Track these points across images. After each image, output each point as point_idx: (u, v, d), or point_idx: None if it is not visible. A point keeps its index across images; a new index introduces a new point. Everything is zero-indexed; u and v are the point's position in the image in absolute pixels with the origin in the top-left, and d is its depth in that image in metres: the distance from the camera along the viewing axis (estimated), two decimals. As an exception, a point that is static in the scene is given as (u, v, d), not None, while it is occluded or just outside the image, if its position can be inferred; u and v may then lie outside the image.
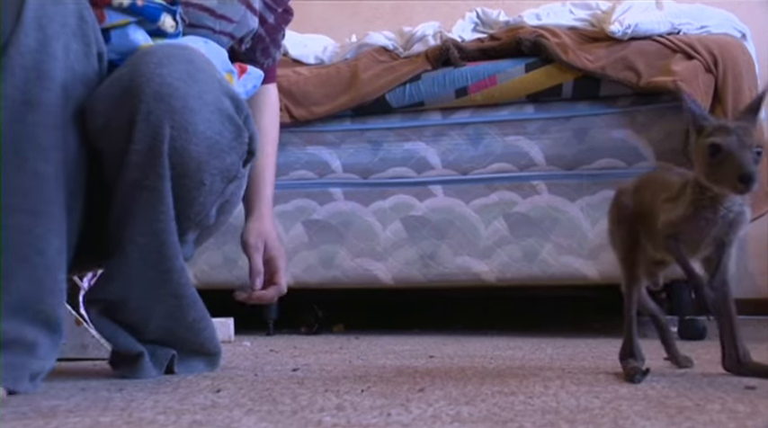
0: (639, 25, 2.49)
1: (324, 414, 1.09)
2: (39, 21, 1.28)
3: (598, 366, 1.68)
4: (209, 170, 1.42)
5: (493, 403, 1.19)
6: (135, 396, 1.25)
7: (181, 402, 1.20)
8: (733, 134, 1.31)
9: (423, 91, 2.64)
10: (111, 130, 1.37)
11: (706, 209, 1.38)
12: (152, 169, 1.36)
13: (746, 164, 1.28)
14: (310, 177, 2.72)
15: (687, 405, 1.14)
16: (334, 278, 2.70)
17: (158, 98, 1.33)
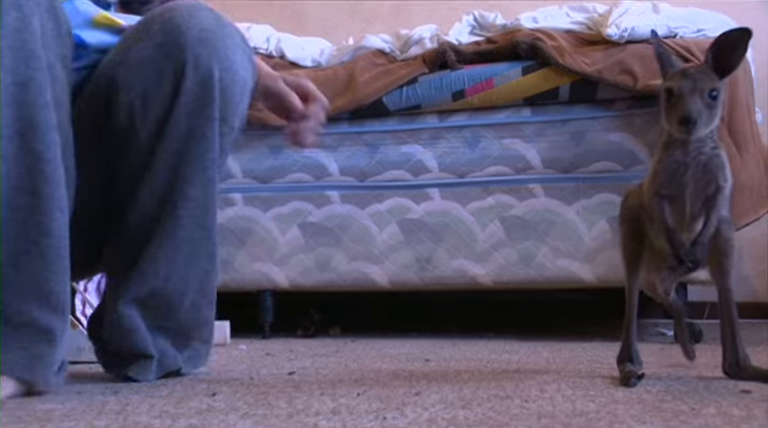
0: (636, 29, 2.49)
1: (319, 418, 1.09)
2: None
3: (594, 370, 1.68)
4: (241, 112, 1.47)
5: (489, 407, 1.19)
6: (130, 400, 1.25)
7: (176, 406, 1.20)
8: (689, 79, 1.34)
9: (420, 94, 2.64)
10: (149, 96, 1.39)
11: (675, 151, 1.39)
12: (204, 115, 1.41)
13: (687, 108, 1.31)
14: (307, 180, 2.72)
15: (683, 410, 1.15)
16: (330, 281, 2.70)
17: (203, 42, 1.38)
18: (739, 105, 2.38)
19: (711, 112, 1.34)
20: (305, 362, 1.89)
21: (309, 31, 3.33)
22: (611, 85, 2.48)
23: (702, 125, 1.33)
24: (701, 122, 1.32)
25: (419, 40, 2.71)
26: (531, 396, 1.30)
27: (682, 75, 1.36)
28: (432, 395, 1.31)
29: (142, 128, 1.42)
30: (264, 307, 2.73)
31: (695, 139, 1.37)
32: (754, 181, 2.36)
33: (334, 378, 1.55)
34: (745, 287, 3.48)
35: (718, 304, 1.55)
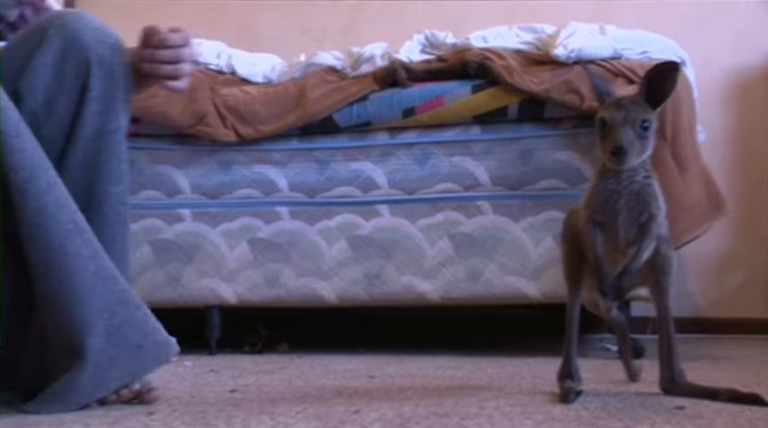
0: (583, 49, 2.53)
1: (255, 437, 1.09)
2: None
3: (536, 386, 1.70)
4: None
5: (426, 425, 1.19)
6: (64, 420, 1.23)
7: (112, 425, 1.18)
8: (622, 110, 1.38)
9: (370, 111, 2.65)
10: (54, 100, 1.42)
11: (609, 180, 1.43)
12: (114, 110, 1.45)
13: (619, 139, 1.35)
14: (256, 196, 2.71)
15: (616, 426, 1.16)
16: (278, 297, 2.68)
17: (100, 41, 1.46)
18: (682, 129, 2.42)
19: (643, 143, 1.38)
20: (249, 380, 1.88)
21: (262, 48, 3.32)
22: (558, 105, 2.52)
23: (634, 155, 1.37)
24: (633, 152, 1.37)
25: (370, 57, 2.72)
26: (469, 413, 1.30)
27: (615, 105, 1.40)
28: (371, 413, 1.31)
29: (48, 133, 1.42)
30: (211, 324, 2.70)
31: (627, 169, 1.40)
32: (695, 200, 2.41)
33: (276, 396, 1.54)
34: (689, 302, 3.54)
35: (657, 321, 1.58)
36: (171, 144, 2.75)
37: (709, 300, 3.55)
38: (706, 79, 3.34)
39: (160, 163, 2.74)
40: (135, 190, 2.73)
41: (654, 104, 1.40)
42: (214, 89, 2.73)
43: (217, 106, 2.67)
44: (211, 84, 2.73)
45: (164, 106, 2.64)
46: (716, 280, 3.55)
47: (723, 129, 3.53)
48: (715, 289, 3.55)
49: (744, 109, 3.57)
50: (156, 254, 2.71)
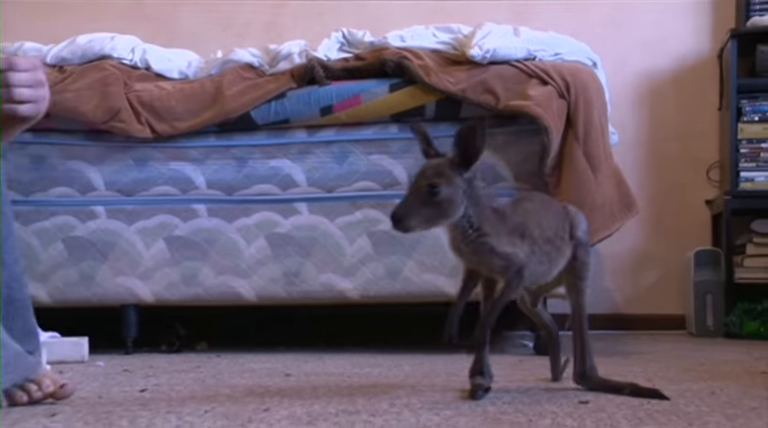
0: (498, 50, 2.56)
1: (158, 437, 1.07)
2: None
3: (450, 383, 1.71)
4: None
5: (334, 422, 1.19)
6: (-40, 422, 1.19)
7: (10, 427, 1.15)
8: (416, 175, 1.38)
9: (288, 108, 2.64)
10: None
11: (455, 238, 1.43)
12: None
13: (396, 206, 1.35)
14: (173, 193, 2.67)
15: (520, 421, 1.18)
16: (196, 295, 2.65)
17: None
18: (594, 129, 2.47)
19: (434, 208, 1.35)
20: (161, 379, 1.84)
21: (181, 44, 3.27)
22: (474, 104, 2.54)
23: (420, 221, 1.35)
24: (415, 219, 1.34)
25: (288, 55, 2.71)
26: (379, 410, 1.31)
27: (420, 168, 1.39)
28: (281, 410, 1.31)
29: None
30: (128, 323, 2.65)
31: (452, 228, 1.39)
32: (606, 199, 2.46)
33: (187, 395, 1.52)
34: (606, 300, 3.62)
35: (571, 318, 1.61)
36: (84, 139, 2.69)
37: (625, 297, 3.64)
38: (618, 82, 3.42)
39: (73, 159, 2.67)
40: (46, 186, 2.66)
41: (467, 162, 1.37)
42: (128, 84, 2.67)
43: (131, 101, 2.62)
44: (125, 79, 2.68)
45: (75, 101, 2.58)
46: (631, 278, 3.64)
47: (635, 131, 3.62)
48: (630, 287, 3.64)
49: (655, 112, 3.67)
50: (70, 252, 2.64)
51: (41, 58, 1.52)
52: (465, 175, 1.36)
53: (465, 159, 1.36)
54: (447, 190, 1.34)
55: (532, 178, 2.54)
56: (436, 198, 1.34)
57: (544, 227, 1.47)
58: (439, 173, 1.35)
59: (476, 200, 1.38)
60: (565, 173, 2.46)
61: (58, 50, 2.77)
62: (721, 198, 3.38)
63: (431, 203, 1.34)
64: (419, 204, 1.34)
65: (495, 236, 1.40)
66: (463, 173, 1.36)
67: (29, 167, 2.64)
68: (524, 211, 1.47)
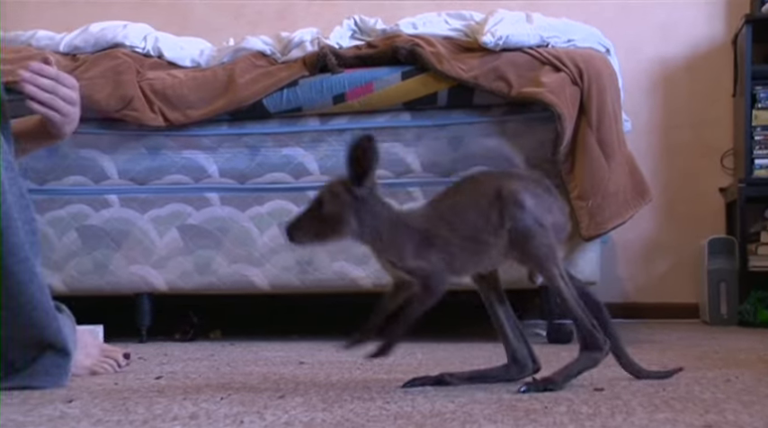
0: (510, 37, 2.55)
1: (175, 423, 1.08)
2: None
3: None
4: None
5: (349, 409, 1.19)
6: (-21, 409, 1.20)
7: (27, 414, 1.15)
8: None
9: (300, 96, 2.63)
10: None
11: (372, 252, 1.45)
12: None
13: (290, 219, 1.42)
14: (186, 182, 2.67)
15: (535, 408, 1.18)
16: (210, 284, 2.65)
17: None
18: (607, 116, 2.46)
19: (322, 224, 1.40)
20: (176, 367, 1.85)
21: (192, 32, 3.27)
22: (486, 92, 2.53)
23: (309, 236, 1.41)
24: (303, 233, 1.41)
25: (300, 42, 2.70)
26: (394, 397, 1.31)
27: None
28: (296, 397, 1.31)
29: None
30: (141, 311, 2.66)
31: (363, 243, 1.41)
32: (619, 186, 2.45)
33: (202, 383, 1.53)
34: (618, 288, 3.61)
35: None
36: (97, 128, 2.69)
37: (637, 286, 3.63)
38: (631, 69, 3.40)
39: (86, 147, 2.68)
40: (60, 175, 2.67)
41: (359, 180, 1.37)
42: (140, 72, 2.68)
43: (143, 90, 2.62)
44: (138, 68, 2.68)
45: (88, 89, 2.58)
46: (644, 267, 3.63)
47: (648, 118, 3.60)
48: (643, 275, 3.63)
49: (668, 98, 3.65)
50: (84, 241, 2.65)
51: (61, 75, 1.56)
52: (357, 192, 1.38)
53: (357, 176, 1.37)
54: (333, 207, 1.38)
55: (545, 165, 2.53)
56: (323, 214, 1.39)
57: (458, 226, 1.41)
58: (330, 191, 1.40)
59: (374, 215, 1.39)
60: (578, 160, 2.46)
61: (70, 39, 2.78)
62: (735, 185, 3.36)
63: (319, 219, 1.40)
64: (308, 219, 1.41)
65: (399, 249, 1.40)
66: (356, 190, 1.38)
67: (43, 156, 2.65)
68: (437, 214, 1.43)
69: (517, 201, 1.39)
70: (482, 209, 1.40)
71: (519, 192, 1.40)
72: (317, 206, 1.40)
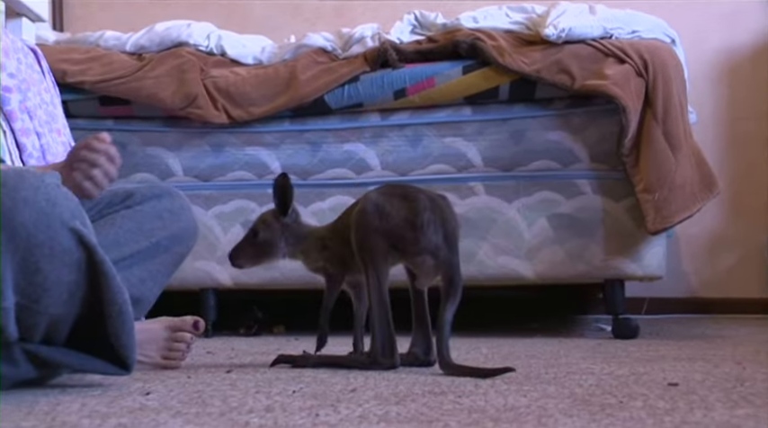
0: (573, 29, 2.53)
1: (252, 416, 1.09)
2: None
3: (530, 366, 1.70)
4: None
5: (422, 403, 1.20)
6: (61, 400, 1.24)
7: (108, 405, 1.18)
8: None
9: (361, 92, 2.65)
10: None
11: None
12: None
13: (233, 247, 1.75)
14: (249, 178, 2.71)
15: (610, 403, 1.17)
16: (273, 279, 2.68)
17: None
18: (673, 108, 2.43)
19: (257, 248, 1.74)
20: (245, 360, 1.88)
21: (251, 30, 3.30)
22: (549, 85, 2.52)
23: (248, 259, 1.76)
24: (243, 257, 1.75)
25: (360, 38, 2.71)
26: (465, 391, 1.31)
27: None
28: (367, 391, 1.32)
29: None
30: (207, 306, 2.70)
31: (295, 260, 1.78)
32: (686, 179, 2.41)
33: (272, 377, 1.55)
34: (683, 283, 3.55)
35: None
36: (162, 126, 2.74)
37: (702, 281, 3.57)
38: (696, 59, 3.33)
39: (152, 145, 2.73)
40: (127, 173, 2.72)
41: (284, 211, 1.72)
42: (204, 70, 2.71)
43: (207, 88, 2.66)
44: (201, 66, 2.72)
45: (154, 88, 2.63)
46: (709, 261, 3.56)
47: (714, 110, 3.53)
48: (708, 270, 3.56)
49: (734, 89, 3.57)
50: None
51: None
52: (283, 221, 1.72)
53: (281, 208, 1.72)
54: (265, 234, 1.72)
55: (610, 159, 2.51)
56: (257, 240, 1.72)
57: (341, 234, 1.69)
58: (263, 221, 1.73)
59: (296, 238, 1.73)
60: (643, 153, 2.42)
61: (136, 38, 2.83)
62: (803, 177, 3.28)
63: (254, 244, 1.73)
64: (246, 245, 1.74)
65: (307, 254, 1.76)
66: (282, 219, 1.72)
67: (111, 155, 2.69)
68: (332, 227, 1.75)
69: (361, 207, 1.62)
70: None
71: (367, 196, 1.64)
72: (253, 235, 1.72)
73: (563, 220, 2.54)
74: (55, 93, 2.05)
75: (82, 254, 1.31)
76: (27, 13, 2.53)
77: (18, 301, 1.26)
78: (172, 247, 1.77)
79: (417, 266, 1.63)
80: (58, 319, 1.32)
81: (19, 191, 1.26)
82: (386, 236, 1.59)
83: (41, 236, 1.26)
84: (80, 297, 1.32)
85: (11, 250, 1.24)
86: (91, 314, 1.34)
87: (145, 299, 1.72)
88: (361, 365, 1.65)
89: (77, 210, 1.33)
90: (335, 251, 1.71)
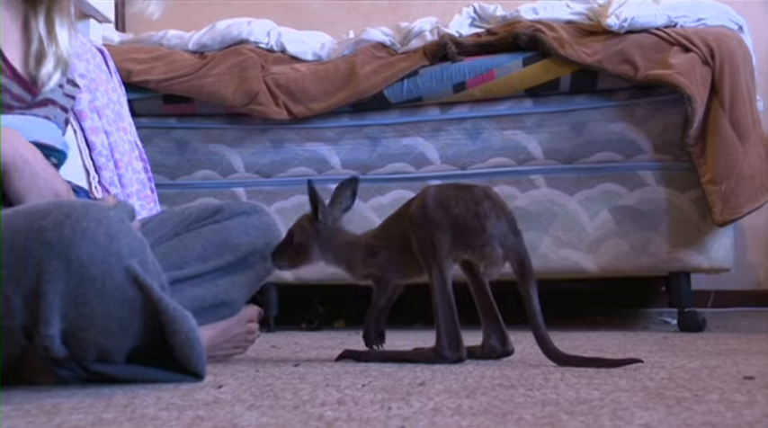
0: (636, 18, 2.49)
1: (325, 409, 1.10)
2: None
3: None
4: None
5: (493, 395, 1.19)
6: (137, 393, 1.26)
7: (183, 398, 1.20)
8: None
9: (421, 86, 2.65)
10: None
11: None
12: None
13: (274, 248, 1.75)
14: (309, 173, 2.73)
15: (685, 396, 1.15)
16: (333, 273, 2.65)
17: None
18: (741, 97, 2.38)
19: (294, 251, 1.74)
20: (310, 354, 1.90)
21: (307, 27, 3.32)
22: (611, 76, 2.49)
23: (286, 261, 1.76)
24: (282, 259, 1.74)
25: (419, 32, 2.72)
26: (535, 384, 1.30)
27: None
28: (436, 385, 1.32)
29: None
30: (269, 301, 2.73)
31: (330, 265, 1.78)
32: (755, 169, 2.37)
33: (339, 370, 1.56)
34: (749, 275, 3.48)
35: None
36: (224, 123, 2.78)
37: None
38: (764, 46, 3.26)
39: (213, 142, 2.77)
40: (190, 169, 2.76)
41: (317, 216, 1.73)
42: (265, 67, 2.74)
43: (268, 84, 2.69)
44: (262, 63, 2.75)
45: (216, 85, 2.67)
46: (776, 253, 3.49)
47: (781, 98, 3.45)
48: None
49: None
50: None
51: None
52: (317, 226, 1.73)
53: (315, 214, 1.73)
54: (299, 237, 1.73)
55: (674, 150, 2.47)
56: (293, 243, 1.73)
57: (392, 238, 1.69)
58: (299, 225, 1.75)
59: (330, 242, 1.74)
60: (710, 143, 2.38)
61: (198, 37, 2.88)
62: None
63: (291, 247, 1.73)
64: (285, 247, 1.74)
65: (351, 264, 1.75)
66: (316, 223, 1.73)
67: (174, 152, 2.74)
68: (379, 232, 1.74)
69: (420, 203, 1.60)
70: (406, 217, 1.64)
71: (426, 191, 1.61)
72: (289, 237, 1.74)
73: (626, 212, 2.51)
74: (121, 92, 2.10)
75: (136, 293, 1.30)
76: (94, 14, 2.58)
77: (64, 328, 1.27)
78: (257, 263, 1.79)
79: (486, 256, 1.60)
80: (109, 349, 1.34)
81: (81, 222, 1.25)
82: (450, 229, 1.58)
83: (95, 270, 1.25)
84: (133, 331, 1.33)
85: (64, 279, 1.24)
86: (152, 342, 1.36)
87: (233, 302, 1.74)
88: (427, 359, 1.64)
89: (139, 248, 1.32)
90: (386, 256, 1.70)
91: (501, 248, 1.59)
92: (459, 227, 1.58)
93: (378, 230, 1.76)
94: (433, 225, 1.58)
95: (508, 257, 1.60)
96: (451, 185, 1.65)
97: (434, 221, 1.57)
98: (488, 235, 1.57)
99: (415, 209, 1.60)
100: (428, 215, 1.58)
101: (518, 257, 1.59)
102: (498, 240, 1.58)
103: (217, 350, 1.71)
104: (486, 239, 1.58)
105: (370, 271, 1.73)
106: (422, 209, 1.59)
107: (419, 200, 1.61)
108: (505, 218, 1.60)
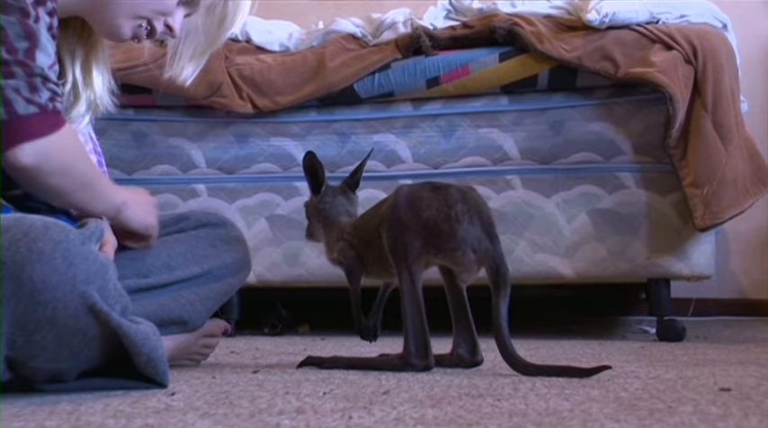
0: (617, 14, 2.51)
1: (282, 418, 1.10)
2: None
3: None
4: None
5: (459, 405, 1.20)
6: (84, 399, 1.25)
7: (133, 405, 1.20)
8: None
9: (392, 80, 2.65)
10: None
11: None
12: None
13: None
14: (274, 170, 2.72)
15: (659, 408, 1.16)
16: (299, 276, 2.70)
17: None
18: (724, 97, 2.40)
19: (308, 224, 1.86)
20: (271, 361, 1.89)
21: (275, 16, 3.31)
22: (591, 73, 2.51)
23: (306, 233, 1.87)
24: (306, 232, 1.86)
25: (392, 24, 2.72)
26: (503, 394, 1.31)
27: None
28: (401, 393, 1.32)
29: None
30: (230, 305, 2.72)
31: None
32: (738, 173, 2.39)
33: (301, 378, 1.55)
34: (731, 283, 3.52)
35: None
36: (184, 116, 2.77)
37: (752, 281, 3.54)
38: (748, 45, 3.30)
39: (173, 136, 2.75)
40: (148, 164, 2.74)
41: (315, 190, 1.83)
42: (228, 58, 2.73)
43: (231, 76, 2.68)
44: (225, 53, 2.73)
45: (177, 76, 2.65)
46: (759, 261, 3.53)
47: (765, 99, 3.50)
48: (758, 270, 3.53)
49: (788, 77, 3.54)
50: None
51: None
52: (315, 200, 1.81)
53: (311, 187, 1.82)
54: (307, 211, 1.85)
55: (655, 151, 2.49)
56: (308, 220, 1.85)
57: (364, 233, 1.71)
58: (310, 200, 1.85)
59: (324, 218, 1.80)
60: (691, 144, 2.41)
61: (158, 24, 2.85)
62: None
63: (316, 218, 1.82)
64: (309, 223, 1.85)
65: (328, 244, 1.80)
66: (314, 198, 1.82)
67: (131, 145, 2.73)
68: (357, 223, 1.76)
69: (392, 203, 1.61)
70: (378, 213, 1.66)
71: (399, 191, 1.62)
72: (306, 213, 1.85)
73: (605, 216, 2.53)
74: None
75: (91, 321, 1.27)
76: None
77: (8, 355, 1.24)
78: (224, 278, 1.79)
79: (458, 261, 1.59)
80: (60, 372, 1.31)
81: (37, 242, 1.22)
82: (420, 231, 1.58)
83: (47, 296, 1.22)
84: (87, 357, 1.31)
85: (13, 303, 1.21)
86: (110, 362, 1.35)
87: (191, 321, 1.73)
88: (393, 367, 1.64)
89: (98, 274, 1.28)
90: (352, 246, 1.74)
91: (473, 253, 1.58)
92: (429, 230, 1.57)
93: (358, 219, 1.78)
94: (404, 226, 1.57)
95: (482, 263, 1.59)
96: (426, 185, 1.63)
97: (405, 223, 1.57)
98: (459, 239, 1.56)
99: (387, 210, 1.60)
100: (399, 216, 1.58)
101: (492, 264, 1.58)
102: (470, 245, 1.57)
103: (173, 361, 1.70)
104: (456, 243, 1.57)
105: (335, 257, 1.78)
106: (393, 209, 1.59)
107: (392, 200, 1.61)
108: (480, 223, 1.58)
